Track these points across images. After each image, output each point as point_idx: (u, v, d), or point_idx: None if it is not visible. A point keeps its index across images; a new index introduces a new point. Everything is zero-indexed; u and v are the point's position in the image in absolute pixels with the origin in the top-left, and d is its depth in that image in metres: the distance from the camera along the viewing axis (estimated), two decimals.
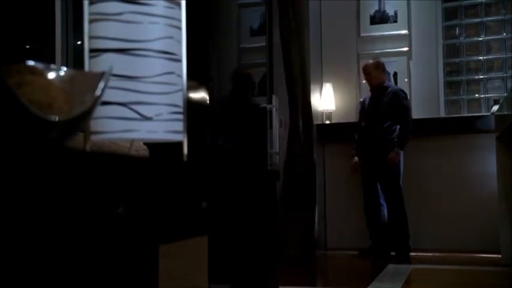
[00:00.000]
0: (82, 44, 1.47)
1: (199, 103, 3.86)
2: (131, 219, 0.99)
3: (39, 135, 0.93)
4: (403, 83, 4.72)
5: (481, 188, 4.35)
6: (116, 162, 0.97)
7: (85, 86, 1.09)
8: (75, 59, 3.87)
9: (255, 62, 4.97)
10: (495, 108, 3.89)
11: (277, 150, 4.42)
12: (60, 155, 0.86)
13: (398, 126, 4.45)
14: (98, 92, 1.02)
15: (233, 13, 4.92)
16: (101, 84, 1.01)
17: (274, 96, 4.57)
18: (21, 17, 3.84)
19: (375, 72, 4.60)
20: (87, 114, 1.01)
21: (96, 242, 0.92)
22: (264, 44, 4.77)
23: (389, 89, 4.60)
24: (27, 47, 4.16)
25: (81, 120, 1.01)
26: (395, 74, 4.71)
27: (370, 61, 4.65)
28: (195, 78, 3.82)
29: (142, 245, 1.07)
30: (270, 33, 4.68)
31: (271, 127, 4.50)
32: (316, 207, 4.56)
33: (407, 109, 4.48)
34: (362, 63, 4.74)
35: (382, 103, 4.54)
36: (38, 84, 0.97)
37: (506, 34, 4.37)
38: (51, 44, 3.89)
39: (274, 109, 4.52)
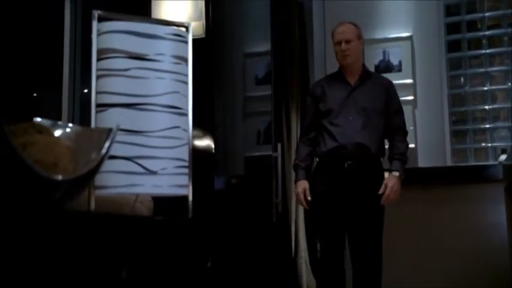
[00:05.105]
0: (89, 95, 1.47)
1: (204, 153, 3.86)
2: (134, 283, 0.96)
3: (43, 195, 0.91)
4: (409, 132, 4.71)
5: (490, 240, 4.27)
6: (119, 224, 0.95)
7: (91, 144, 1.09)
8: (81, 110, 3.90)
9: (260, 110, 4.99)
10: (502, 157, 3.87)
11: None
12: (62, 216, 0.84)
13: (396, 140, 3.03)
14: (103, 151, 1.01)
15: (238, 62, 4.98)
16: (107, 144, 1.00)
17: (279, 144, 4.57)
18: (30, 68, 3.89)
19: (357, 42, 3.09)
20: (92, 174, 1.00)
21: None
22: (269, 92, 4.80)
23: (381, 78, 3.24)
24: (35, 95, 4.20)
25: (86, 180, 1.00)
26: None
27: (348, 23, 3.15)
28: (200, 129, 3.82)
29: None
30: (276, 81, 4.72)
31: (276, 175, 4.48)
32: None
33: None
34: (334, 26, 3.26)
35: (370, 97, 3.05)
36: (44, 143, 0.96)
37: None
38: (58, 91, 3.93)
39: (279, 157, 4.51)
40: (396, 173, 3.00)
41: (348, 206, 2.97)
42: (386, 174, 3.08)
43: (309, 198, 3.05)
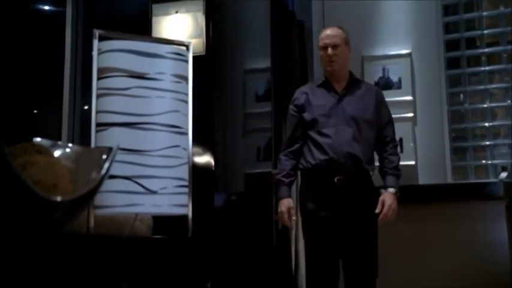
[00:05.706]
0: (90, 112, 1.47)
1: (204, 170, 3.85)
2: None
3: (43, 216, 0.90)
4: (408, 148, 4.72)
5: (492, 258, 4.24)
6: (118, 244, 0.94)
7: (91, 163, 1.08)
8: (82, 127, 3.90)
9: (260, 127, 4.99)
10: (503, 175, 3.86)
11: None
12: (61, 237, 0.83)
13: (388, 152, 2.93)
14: (103, 171, 1.00)
15: (238, 79, 4.99)
16: (107, 164, 1.00)
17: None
18: (30, 86, 3.89)
19: (344, 48, 2.97)
20: (91, 194, 1.00)
21: None
22: (269, 109, 4.81)
23: (370, 86, 3.13)
24: (35, 111, 4.20)
25: (85, 200, 0.99)
26: (400, 139, 4.71)
27: (335, 26, 3.00)
28: (200, 146, 3.82)
29: None
30: (276, 98, 4.73)
31: (276, 192, 4.47)
32: None
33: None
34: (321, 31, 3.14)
35: (359, 107, 2.92)
36: (44, 163, 0.96)
37: None
38: (59, 110, 3.93)
39: None
40: (392, 189, 2.89)
41: (340, 222, 2.82)
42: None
43: (294, 218, 2.94)
